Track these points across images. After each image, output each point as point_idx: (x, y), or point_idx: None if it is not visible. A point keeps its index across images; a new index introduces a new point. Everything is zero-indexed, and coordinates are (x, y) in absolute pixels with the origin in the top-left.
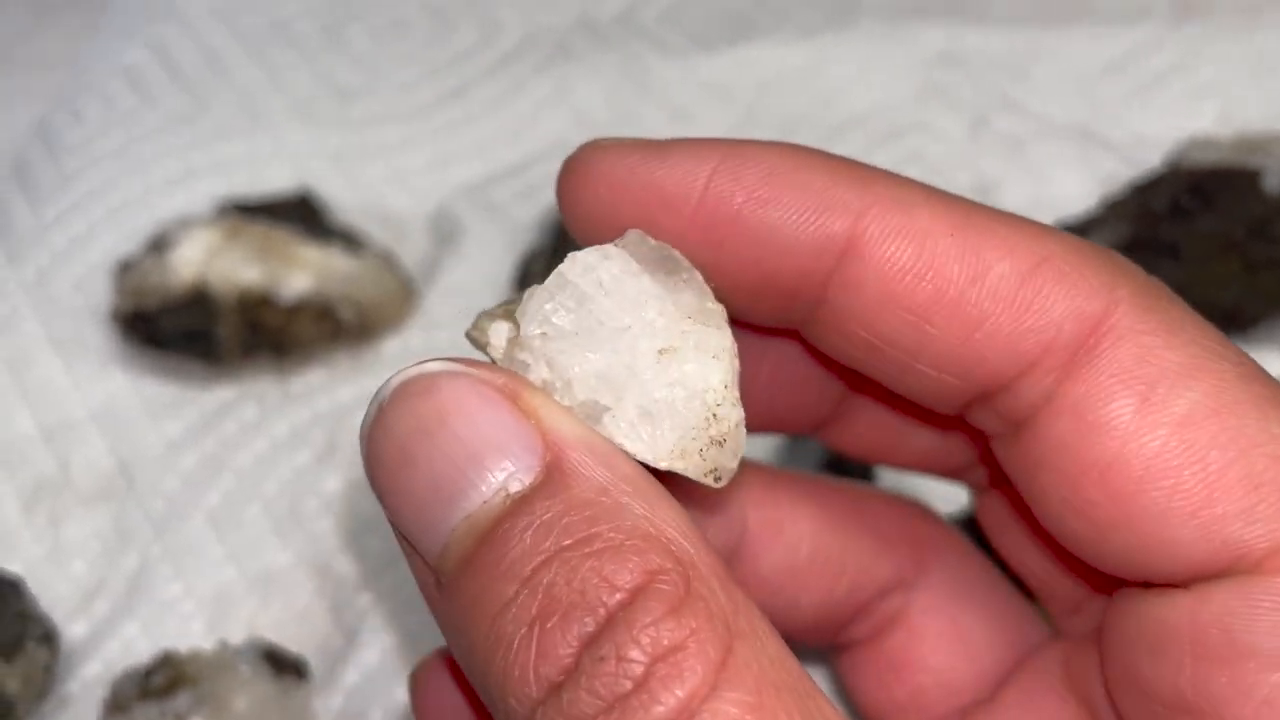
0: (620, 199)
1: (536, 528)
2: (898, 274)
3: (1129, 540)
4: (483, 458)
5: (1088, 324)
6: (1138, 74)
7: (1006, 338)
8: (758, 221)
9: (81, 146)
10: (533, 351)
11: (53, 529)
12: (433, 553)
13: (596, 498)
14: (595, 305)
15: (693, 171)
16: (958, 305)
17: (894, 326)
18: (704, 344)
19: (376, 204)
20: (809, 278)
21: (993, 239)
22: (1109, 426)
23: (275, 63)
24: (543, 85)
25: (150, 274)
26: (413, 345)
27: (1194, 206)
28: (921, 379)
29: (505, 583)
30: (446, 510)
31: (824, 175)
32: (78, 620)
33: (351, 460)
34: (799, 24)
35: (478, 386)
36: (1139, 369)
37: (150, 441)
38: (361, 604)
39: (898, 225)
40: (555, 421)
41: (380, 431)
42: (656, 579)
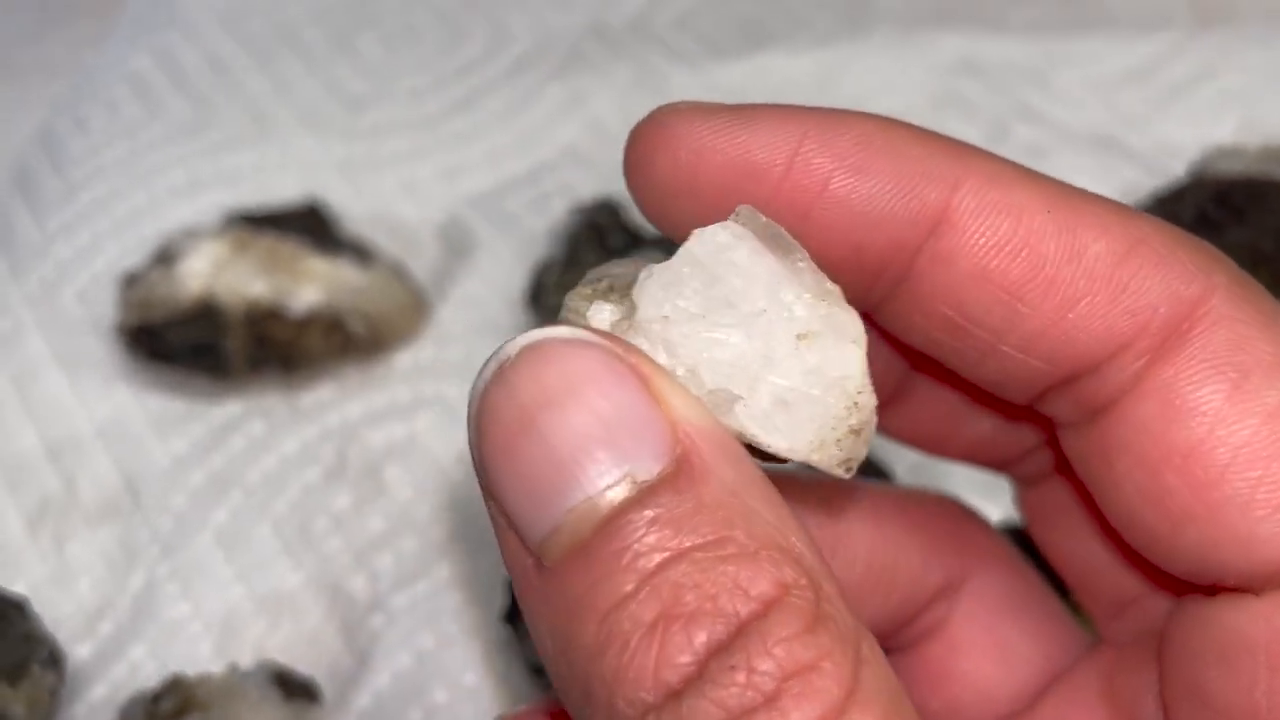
0: (700, 166)
1: (664, 522)
2: (993, 249)
3: (1206, 534)
4: (612, 440)
5: (1184, 307)
6: (1159, 82)
7: (1102, 319)
8: (849, 191)
9: (86, 156)
10: (649, 336)
11: (58, 548)
12: (537, 532)
13: (728, 499)
14: (727, 287)
15: (781, 138)
16: (1053, 283)
17: (984, 304)
18: (841, 328)
19: (386, 214)
20: (899, 251)
21: (1088, 218)
22: (1197, 411)
23: (283, 71)
24: (555, 93)
25: (157, 287)
26: (424, 359)
27: (1221, 218)
28: (1003, 363)
29: (624, 576)
30: (564, 490)
31: (918, 145)
32: (83, 642)
33: (361, 477)
34: (814, 31)
35: (612, 362)
36: (1233, 356)
37: (157, 458)
38: (374, 625)
39: (994, 199)
40: (686, 410)
41: (501, 393)
42: (790, 592)
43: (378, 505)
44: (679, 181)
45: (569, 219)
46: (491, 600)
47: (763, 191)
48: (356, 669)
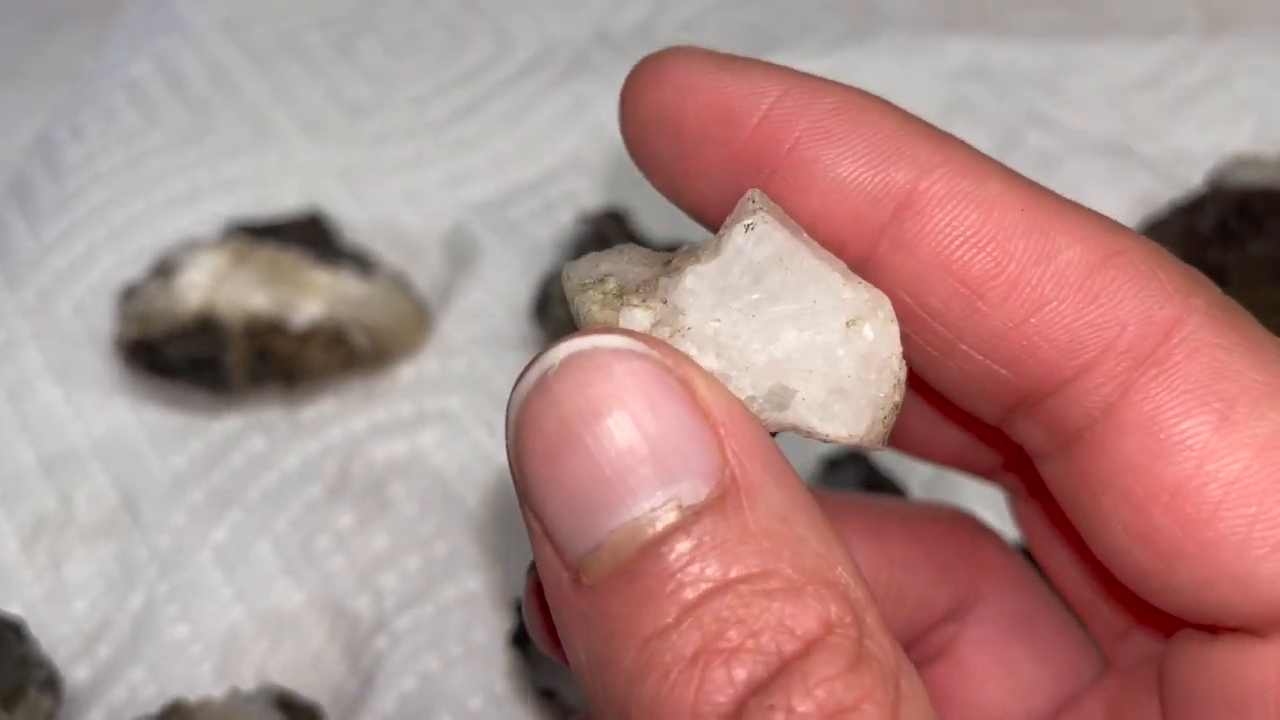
0: (685, 102)
1: (709, 549)
2: (957, 238)
3: (1200, 573)
4: (660, 460)
5: (1158, 329)
6: (1171, 88)
7: (1066, 329)
8: (816, 155)
9: (83, 164)
10: (699, 341)
11: (54, 567)
12: (578, 549)
13: (775, 526)
14: (774, 281)
15: (761, 89)
16: (1016, 283)
17: (943, 296)
18: (881, 307)
19: (388, 223)
20: (859, 226)
21: (1066, 223)
22: (1184, 445)
23: (283, 77)
24: (559, 99)
25: (155, 300)
26: (428, 372)
27: (1242, 229)
28: (965, 365)
29: (666, 604)
30: (607, 509)
31: (896, 123)
32: (81, 663)
33: (364, 494)
34: (821, 36)
35: (661, 374)
36: (1216, 384)
37: (155, 474)
38: (378, 646)
39: (966, 188)
40: (735, 426)
41: (542, 404)
42: (834, 630)
43: (381, 523)
44: (661, 116)
45: (575, 228)
46: (499, 621)
47: (735, 139)
48: (360, 692)
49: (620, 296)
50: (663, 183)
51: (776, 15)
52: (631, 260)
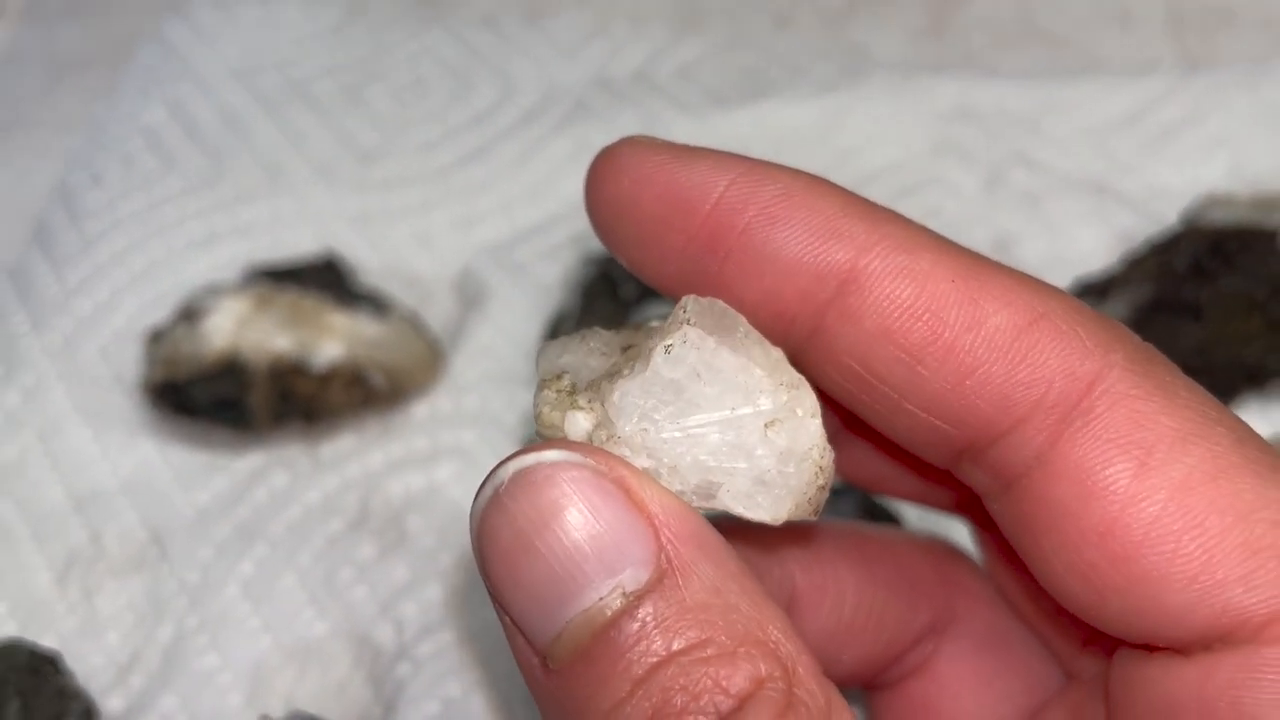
0: (642, 193)
1: (652, 627)
2: (895, 311)
3: (1129, 604)
4: (603, 556)
5: (1080, 384)
6: (1149, 127)
7: (998, 387)
8: (765, 238)
9: (102, 210)
10: (631, 445)
11: (86, 601)
12: (542, 639)
13: (709, 599)
14: (695, 393)
15: (711, 178)
16: (951, 349)
17: (886, 363)
18: (800, 404)
19: (401, 266)
20: (807, 302)
21: (993, 290)
22: (1107, 490)
23: (295, 124)
24: (562, 144)
25: (182, 343)
26: (441, 409)
27: (1215, 267)
28: (911, 421)
29: (619, 681)
30: (563, 602)
31: (836, 205)
32: (114, 694)
33: (384, 527)
34: (813, 79)
35: (596, 480)
36: (1135, 433)
37: (182, 510)
38: (400, 673)
39: (901, 264)
40: (667, 515)
41: (498, 518)
42: (765, 686)
43: (400, 554)
44: (621, 206)
45: (582, 270)
46: None
47: (690, 226)
48: (385, 718)
49: (571, 395)
50: (628, 261)
51: (770, 60)
52: (592, 350)
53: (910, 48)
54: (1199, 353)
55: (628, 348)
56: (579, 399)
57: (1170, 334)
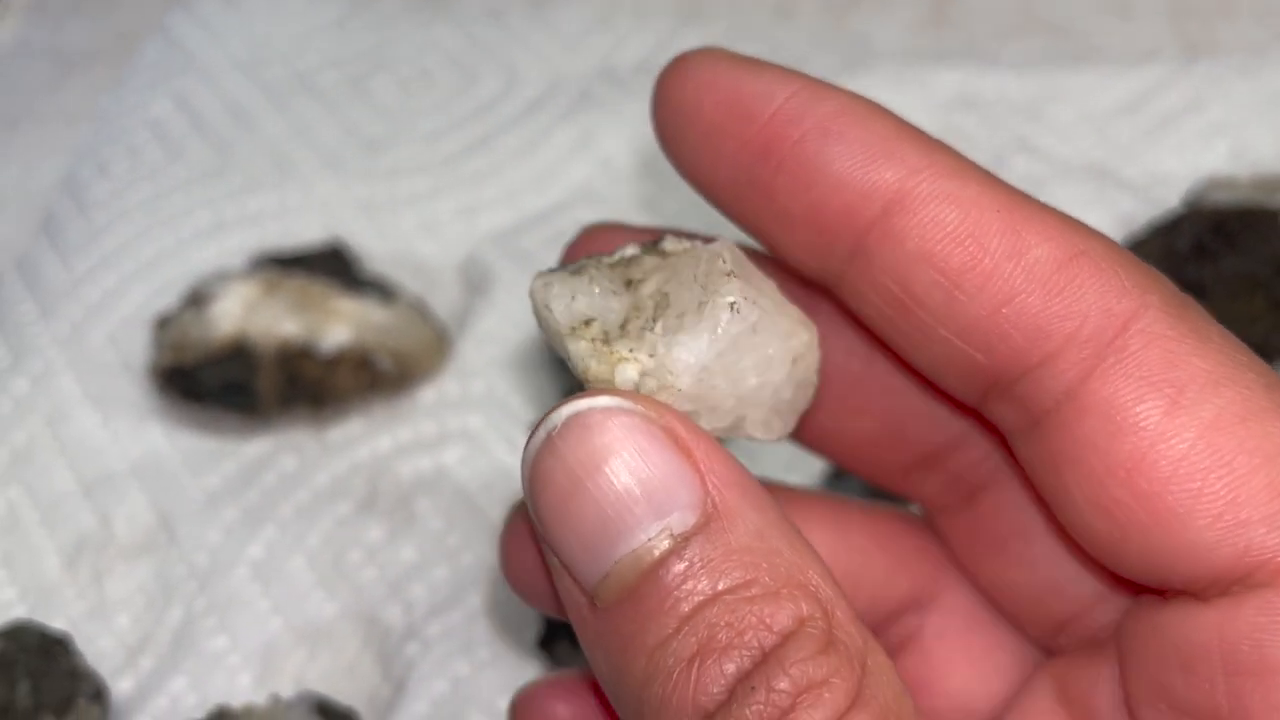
0: (705, 98)
1: (698, 568)
2: (938, 233)
3: (1151, 542)
4: (652, 499)
5: (1117, 321)
6: (1150, 113)
7: (1034, 317)
8: (818, 150)
9: (110, 199)
10: (679, 391)
11: (96, 585)
12: (590, 579)
13: (753, 542)
14: (746, 343)
15: (773, 89)
16: (990, 276)
17: (924, 285)
18: (814, 337)
19: (407, 254)
20: (852, 219)
21: (1037, 224)
22: (1137, 427)
23: (301, 114)
24: (567, 132)
25: (190, 328)
26: (448, 393)
27: (1217, 247)
28: (943, 348)
29: (666, 618)
30: (612, 543)
31: (890, 127)
32: (125, 676)
33: (392, 509)
34: (816, 70)
35: (648, 426)
36: (1168, 372)
37: (191, 494)
38: (409, 653)
39: (948, 189)
40: (713, 461)
41: (550, 460)
42: (806, 625)
43: (409, 536)
44: (685, 110)
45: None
46: (524, 626)
47: (748, 132)
48: (394, 697)
49: (607, 345)
50: (684, 167)
51: (772, 50)
52: (600, 288)
53: (911, 37)
54: None
55: (631, 281)
56: (618, 348)
57: None
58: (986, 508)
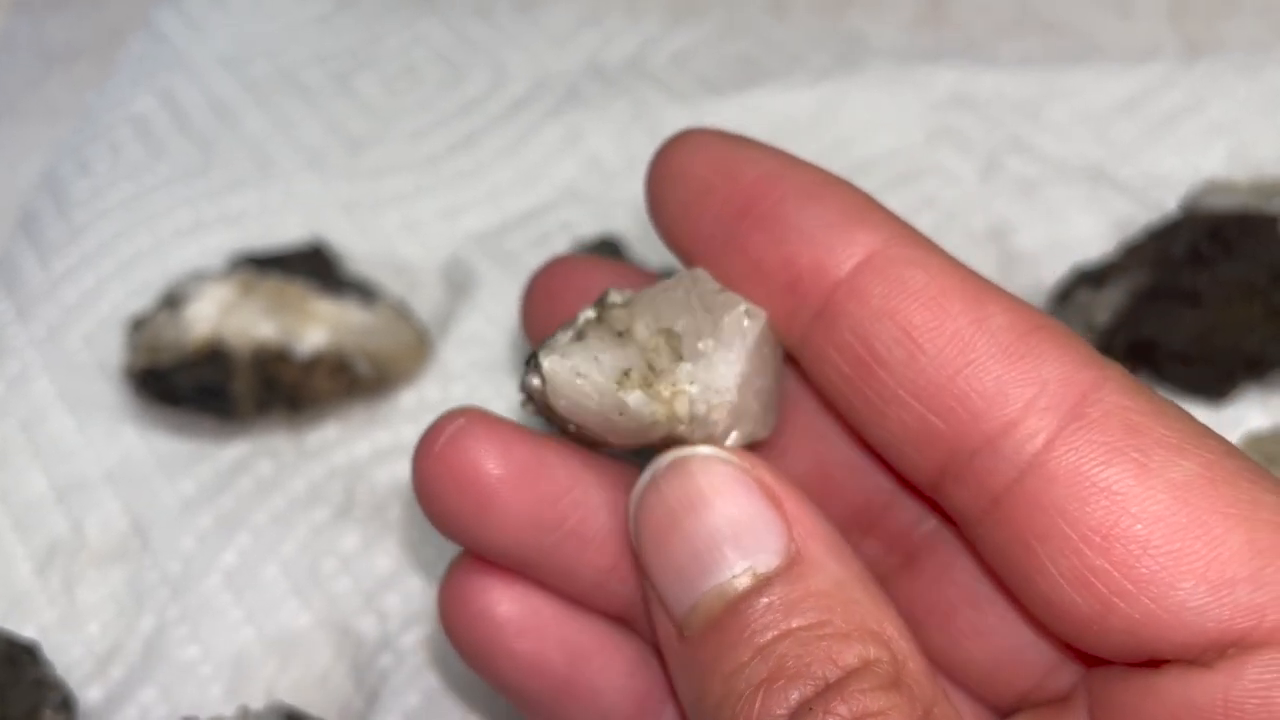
0: (697, 158)
1: (779, 605)
2: (903, 292)
3: (1135, 610)
4: (739, 539)
5: (1076, 390)
6: (1148, 113)
7: (994, 380)
8: (797, 208)
9: (90, 198)
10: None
11: (67, 591)
12: (679, 609)
13: (832, 589)
14: (758, 345)
15: (761, 155)
16: (952, 338)
17: (887, 343)
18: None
19: (389, 254)
20: (821, 276)
21: (998, 297)
22: (1109, 491)
23: (284, 112)
24: (553, 131)
25: (164, 330)
26: (429, 398)
27: (1214, 253)
28: (902, 413)
29: (743, 648)
30: (701, 576)
31: (866, 201)
32: (93, 685)
33: (369, 516)
34: (809, 67)
35: (741, 475)
36: (1132, 438)
37: (165, 500)
38: (383, 665)
39: (916, 256)
40: (800, 513)
41: (653, 498)
42: (872, 665)
43: (384, 545)
44: (678, 171)
45: None
46: None
47: (730, 189)
48: (366, 709)
49: (652, 387)
50: (667, 225)
51: (765, 48)
52: (608, 344)
53: (907, 35)
54: (1198, 340)
55: (620, 334)
56: (662, 388)
57: (1169, 321)
58: (929, 575)
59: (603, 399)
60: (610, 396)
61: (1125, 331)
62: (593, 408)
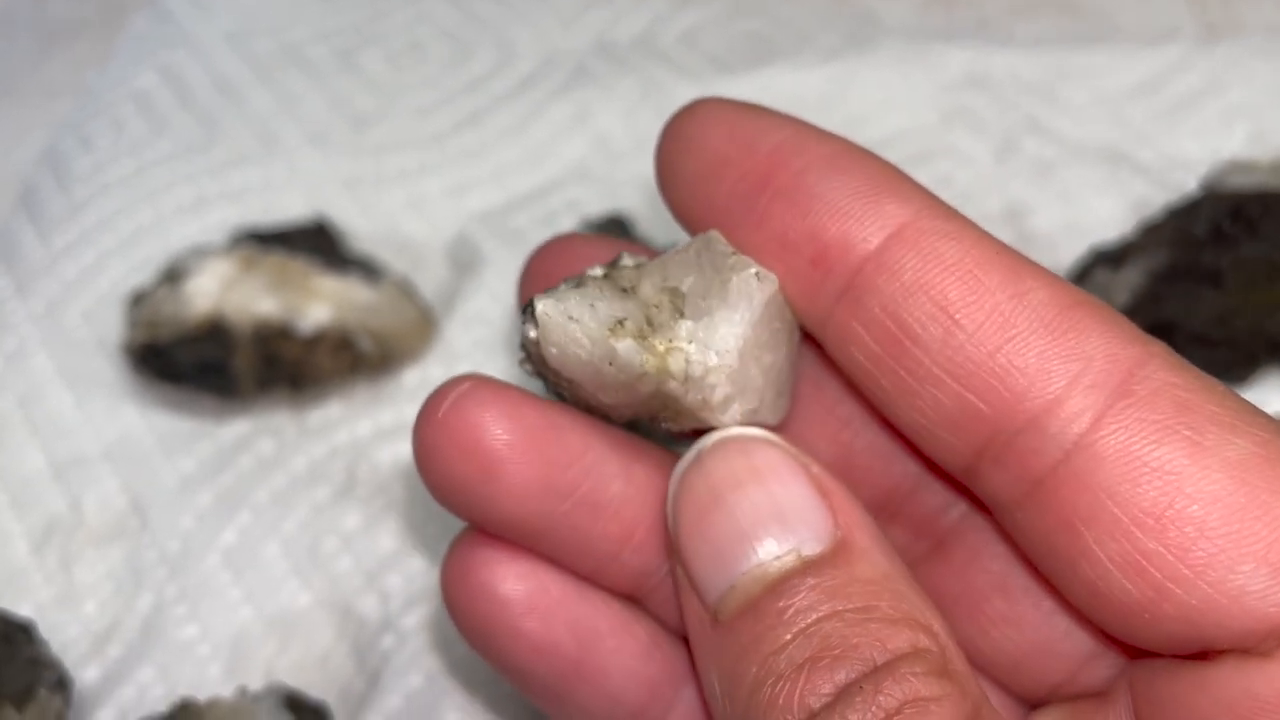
0: (710, 130)
1: (823, 589)
2: (939, 265)
3: (1193, 595)
4: (784, 519)
5: (1122, 366)
6: (1167, 95)
7: (1037, 357)
8: (820, 178)
9: (91, 174)
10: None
11: (64, 570)
12: (714, 591)
13: (879, 579)
14: (766, 314)
15: (777, 124)
16: (991, 312)
17: (922, 320)
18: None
19: (393, 231)
20: (849, 250)
21: (1035, 271)
22: (1162, 471)
23: (288, 88)
24: (561, 109)
25: (164, 305)
26: (433, 376)
27: (1236, 232)
28: (938, 393)
29: (784, 629)
30: (741, 555)
31: (891, 171)
32: (90, 664)
33: (371, 496)
34: (819, 46)
35: (789, 459)
36: (1183, 416)
37: (164, 478)
38: (384, 646)
39: (948, 228)
40: (846, 504)
41: (696, 473)
42: (921, 652)
43: (387, 524)
44: (690, 143)
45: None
46: None
47: (747, 160)
48: (367, 691)
49: (646, 339)
50: (680, 199)
51: (775, 25)
52: (608, 295)
53: (920, 14)
54: (1219, 322)
55: (624, 289)
56: (657, 342)
57: (1190, 302)
58: (958, 562)
59: (594, 347)
60: (601, 344)
61: (1144, 313)
62: (584, 357)
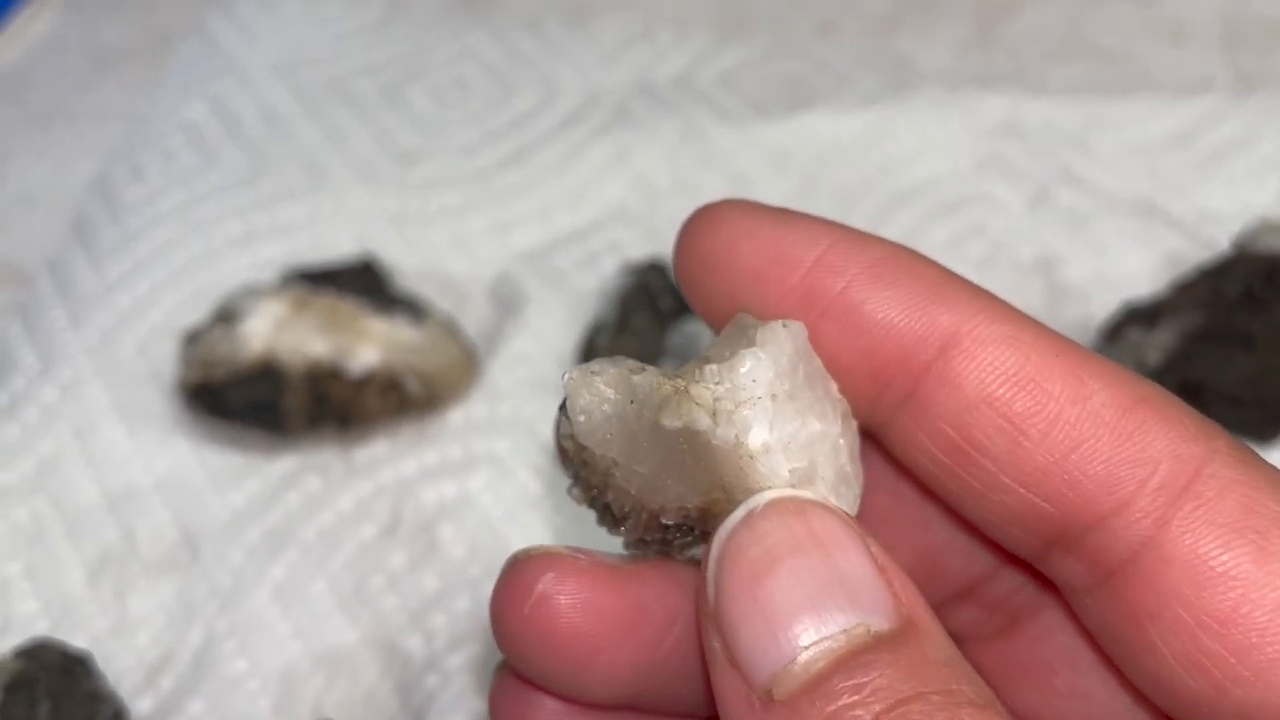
0: (741, 246)
1: (899, 667)
2: (999, 377)
3: (1254, 694)
4: (852, 591)
5: (1188, 466)
6: (1199, 147)
7: (1104, 464)
8: (866, 297)
9: (142, 205)
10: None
11: (118, 600)
12: (766, 667)
13: (951, 660)
14: (800, 374)
15: (814, 236)
16: (1056, 421)
17: (988, 432)
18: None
19: (438, 269)
20: (906, 365)
21: (1095, 369)
22: (1227, 576)
23: (334, 122)
24: (603, 149)
25: (219, 345)
26: (476, 416)
27: (1268, 295)
28: (1007, 499)
29: (860, 711)
30: (803, 629)
31: (937, 273)
32: (144, 695)
33: (415, 535)
34: (858, 91)
35: (848, 527)
36: (1248, 518)
37: (215, 512)
38: (429, 685)
39: (1005, 333)
40: (902, 580)
41: (747, 535)
42: None
43: (431, 564)
44: (717, 259)
45: (620, 280)
46: None
47: (787, 280)
48: None
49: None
50: (714, 315)
51: (814, 69)
52: (634, 364)
53: (956, 59)
54: (1250, 383)
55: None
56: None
57: (1221, 363)
58: (1028, 637)
59: (617, 394)
60: (624, 384)
61: (1175, 371)
62: (609, 411)
